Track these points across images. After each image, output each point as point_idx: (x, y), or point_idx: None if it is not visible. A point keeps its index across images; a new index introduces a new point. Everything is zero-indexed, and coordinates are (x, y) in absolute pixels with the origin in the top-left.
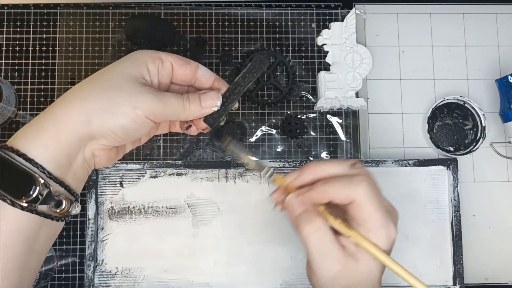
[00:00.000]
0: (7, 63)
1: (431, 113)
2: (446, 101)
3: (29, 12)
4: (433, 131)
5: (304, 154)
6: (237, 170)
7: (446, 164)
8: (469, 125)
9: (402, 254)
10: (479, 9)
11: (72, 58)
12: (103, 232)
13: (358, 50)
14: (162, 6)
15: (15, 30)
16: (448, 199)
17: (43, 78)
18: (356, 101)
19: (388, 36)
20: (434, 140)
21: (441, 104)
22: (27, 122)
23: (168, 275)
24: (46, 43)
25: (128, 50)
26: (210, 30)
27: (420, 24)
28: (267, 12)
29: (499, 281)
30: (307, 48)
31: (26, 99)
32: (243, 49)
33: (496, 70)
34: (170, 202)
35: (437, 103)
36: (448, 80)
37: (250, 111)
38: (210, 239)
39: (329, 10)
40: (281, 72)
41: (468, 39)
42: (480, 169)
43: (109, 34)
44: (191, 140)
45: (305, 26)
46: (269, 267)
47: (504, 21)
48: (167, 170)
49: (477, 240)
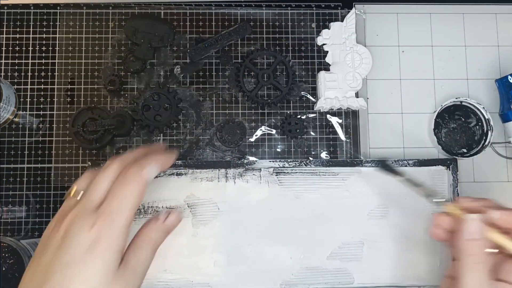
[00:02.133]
0: (7, 63)
1: (434, 125)
2: (444, 106)
3: (29, 12)
4: (442, 139)
5: (304, 154)
6: (237, 170)
7: (446, 164)
8: (473, 122)
9: (402, 254)
10: (479, 9)
11: (72, 58)
12: None
13: (358, 50)
14: (162, 6)
15: (15, 30)
16: (448, 199)
17: (43, 78)
18: (356, 101)
19: (388, 36)
20: (446, 148)
21: (441, 111)
22: (27, 122)
23: (168, 275)
24: (46, 43)
25: (128, 50)
26: (210, 30)
27: (420, 24)
28: (267, 12)
29: None
30: (307, 48)
31: (26, 99)
32: (243, 49)
33: (496, 70)
34: (170, 202)
35: (437, 110)
36: (448, 80)
37: (250, 111)
38: (210, 239)
39: (329, 10)
40: (281, 72)
41: (468, 39)
42: (480, 169)
43: (109, 34)
44: (191, 140)
45: (305, 26)
46: (269, 267)
47: (504, 21)
48: (167, 170)
49: None
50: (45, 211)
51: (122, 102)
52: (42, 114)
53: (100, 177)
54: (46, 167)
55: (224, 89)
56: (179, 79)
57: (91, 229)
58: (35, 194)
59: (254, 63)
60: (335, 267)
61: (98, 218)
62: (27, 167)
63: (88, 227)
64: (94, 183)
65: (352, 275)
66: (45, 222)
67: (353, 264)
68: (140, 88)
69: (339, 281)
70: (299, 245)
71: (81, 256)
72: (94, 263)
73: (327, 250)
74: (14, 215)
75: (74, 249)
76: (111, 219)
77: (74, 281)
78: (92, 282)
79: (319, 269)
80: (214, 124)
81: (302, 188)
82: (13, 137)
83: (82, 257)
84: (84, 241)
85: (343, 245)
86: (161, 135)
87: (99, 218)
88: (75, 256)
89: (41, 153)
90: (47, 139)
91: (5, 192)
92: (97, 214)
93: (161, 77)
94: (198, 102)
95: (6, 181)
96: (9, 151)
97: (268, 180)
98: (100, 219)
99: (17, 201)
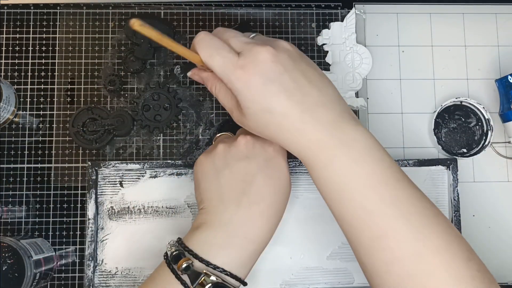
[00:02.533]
0: (7, 63)
1: (434, 125)
2: (444, 106)
3: (29, 12)
4: (442, 139)
5: None
6: None
7: (446, 164)
8: (473, 121)
9: None
10: (479, 9)
11: (72, 58)
12: (103, 232)
13: (358, 50)
14: (162, 6)
15: (15, 30)
16: (448, 199)
17: (43, 78)
18: (356, 101)
19: (388, 36)
20: (446, 148)
21: (441, 111)
22: (27, 122)
23: None
24: (46, 43)
25: (128, 50)
26: (210, 30)
27: (420, 24)
28: (267, 12)
29: (499, 281)
30: (307, 48)
31: (26, 99)
32: None
33: (496, 70)
34: (170, 202)
35: (437, 110)
36: (448, 80)
37: None
38: None
39: (329, 10)
40: None
41: (468, 39)
42: (480, 169)
43: (109, 34)
44: (191, 140)
45: (305, 26)
46: (269, 267)
47: (504, 21)
48: (167, 170)
49: (476, 240)
50: (45, 211)
51: (122, 102)
52: (42, 114)
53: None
54: (46, 167)
55: None
56: (179, 79)
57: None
58: (35, 194)
59: None
60: (335, 267)
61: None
62: (27, 167)
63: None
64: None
65: (352, 275)
66: (45, 222)
67: (353, 264)
68: (140, 88)
69: (339, 281)
70: (299, 245)
71: (272, 158)
72: (281, 159)
73: (327, 250)
74: (14, 215)
75: (264, 154)
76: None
77: (273, 176)
78: (284, 173)
79: (319, 269)
80: (214, 124)
81: (302, 188)
82: (13, 137)
83: (273, 158)
84: (269, 147)
85: (343, 245)
86: (161, 135)
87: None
88: (268, 158)
89: (41, 153)
90: (47, 139)
91: (5, 192)
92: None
93: (161, 77)
94: (198, 102)
95: (6, 181)
96: (9, 151)
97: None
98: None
99: (17, 201)
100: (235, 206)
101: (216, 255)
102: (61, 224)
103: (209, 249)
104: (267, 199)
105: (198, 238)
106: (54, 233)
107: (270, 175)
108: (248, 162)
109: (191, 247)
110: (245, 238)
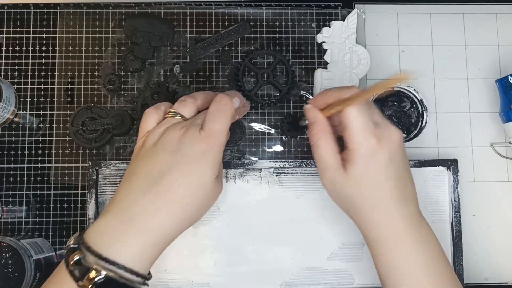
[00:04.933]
0: (7, 63)
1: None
2: (376, 96)
3: (29, 12)
4: None
5: (304, 154)
6: (237, 170)
7: (446, 165)
8: (408, 105)
9: None
10: (479, 9)
11: (72, 58)
12: None
13: (357, 50)
14: (162, 5)
15: (15, 30)
16: (448, 200)
17: (43, 78)
18: None
19: (388, 36)
20: None
21: (374, 101)
22: (27, 122)
23: (168, 275)
24: (45, 43)
25: (128, 49)
26: (210, 29)
27: (420, 24)
28: (267, 12)
29: (499, 281)
30: (307, 48)
31: (26, 99)
32: (242, 49)
33: (496, 70)
34: None
35: (371, 100)
36: (448, 80)
37: (250, 111)
38: (210, 239)
39: (329, 10)
40: (280, 72)
41: (468, 39)
42: (480, 169)
43: (109, 33)
44: None
45: (305, 26)
46: (269, 267)
47: (504, 21)
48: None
49: (477, 240)
50: (45, 211)
51: (121, 102)
52: (42, 114)
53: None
54: (46, 167)
55: (223, 88)
56: (179, 79)
57: (201, 141)
58: (35, 194)
59: (253, 63)
60: (335, 267)
61: (205, 135)
62: (27, 167)
63: (199, 139)
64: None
65: (352, 275)
66: (45, 222)
67: (353, 264)
68: (139, 88)
69: (339, 282)
70: (299, 245)
71: (197, 158)
72: (206, 165)
73: (327, 251)
74: (14, 215)
75: (190, 152)
76: (215, 137)
77: (191, 175)
78: (206, 179)
79: (319, 269)
80: None
81: (303, 189)
82: (13, 137)
83: (197, 159)
84: (197, 148)
85: (343, 245)
86: None
87: (206, 135)
88: (192, 158)
89: (41, 153)
90: (47, 139)
91: (5, 192)
92: (204, 132)
93: (160, 76)
94: None
95: (6, 181)
96: (9, 151)
97: (268, 180)
98: (206, 136)
99: (17, 201)
100: (141, 193)
101: (110, 246)
102: (61, 224)
103: (101, 239)
104: (177, 193)
105: (93, 228)
106: (54, 233)
107: (189, 172)
108: (171, 155)
109: (86, 239)
110: (143, 226)
